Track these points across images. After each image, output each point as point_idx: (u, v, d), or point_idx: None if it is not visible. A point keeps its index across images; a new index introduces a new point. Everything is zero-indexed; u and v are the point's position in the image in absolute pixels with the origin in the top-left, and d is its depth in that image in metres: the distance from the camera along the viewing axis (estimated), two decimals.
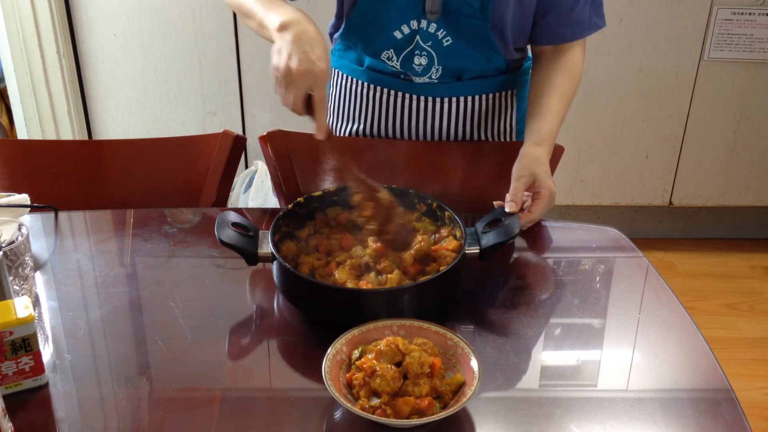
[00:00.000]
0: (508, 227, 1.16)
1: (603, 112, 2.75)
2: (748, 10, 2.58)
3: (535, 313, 1.13)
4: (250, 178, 2.58)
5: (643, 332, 1.11)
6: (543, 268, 1.28)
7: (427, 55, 1.39)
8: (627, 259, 1.30)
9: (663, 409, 0.95)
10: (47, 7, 2.54)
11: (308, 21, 1.12)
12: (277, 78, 1.09)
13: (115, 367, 1.02)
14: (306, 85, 1.07)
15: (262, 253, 1.11)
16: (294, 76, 1.06)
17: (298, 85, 1.07)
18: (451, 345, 0.98)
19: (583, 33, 1.41)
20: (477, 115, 1.48)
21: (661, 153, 2.82)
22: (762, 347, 2.44)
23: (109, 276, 1.20)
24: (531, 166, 1.27)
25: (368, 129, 1.52)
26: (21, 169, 1.57)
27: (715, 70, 2.68)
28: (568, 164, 2.81)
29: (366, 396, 0.92)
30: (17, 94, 2.68)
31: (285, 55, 1.07)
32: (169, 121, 2.80)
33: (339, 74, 1.54)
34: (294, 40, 1.08)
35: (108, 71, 2.72)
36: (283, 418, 0.94)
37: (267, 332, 1.11)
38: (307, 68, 1.06)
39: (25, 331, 0.91)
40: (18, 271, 1.08)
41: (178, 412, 0.94)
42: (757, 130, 2.78)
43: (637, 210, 2.99)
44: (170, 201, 1.55)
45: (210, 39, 2.65)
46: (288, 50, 1.07)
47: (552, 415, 0.93)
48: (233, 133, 1.54)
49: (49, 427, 0.92)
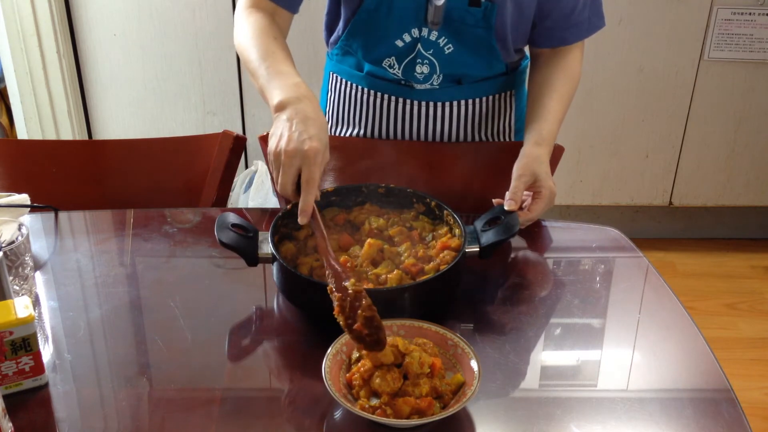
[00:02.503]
0: (507, 225, 1.15)
1: (603, 112, 2.75)
2: (748, 10, 2.58)
3: (535, 313, 1.13)
4: (250, 178, 2.58)
5: (643, 332, 1.11)
6: (543, 268, 1.28)
7: (428, 63, 1.39)
8: (627, 259, 1.30)
9: (663, 409, 0.95)
10: (47, 7, 2.54)
11: (307, 98, 1.11)
12: (271, 162, 1.09)
13: (115, 367, 1.02)
14: (296, 165, 1.05)
15: (262, 254, 1.11)
16: (283, 157, 1.05)
17: (287, 167, 1.06)
18: (451, 345, 0.98)
19: (583, 35, 1.41)
20: (476, 117, 1.48)
21: (661, 153, 2.82)
22: (762, 347, 2.44)
23: (109, 276, 1.20)
24: (532, 166, 1.27)
25: (368, 133, 1.52)
26: (21, 169, 1.57)
27: (715, 70, 2.68)
28: (568, 164, 2.81)
29: (366, 396, 0.92)
30: (17, 94, 2.68)
31: (278, 137, 1.07)
32: (169, 121, 2.80)
33: (337, 79, 1.53)
34: (289, 119, 1.08)
35: (108, 71, 2.72)
36: (283, 418, 0.94)
37: (267, 332, 1.11)
38: (296, 148, 1.05)
39: (25, 331, 0.91)
40: (18, 271, 1.08)
41: (178, 412, 0.94)
42: (757, 130, 2.78)
43: (637, 210, 2.99)
44: (170, 201, 1.55)
45: (210, 39, 2.65)
46: (280, 132, 1.07)
47: (552, 415, 0.93)
48: (233, 133, 1.54)
49: (49, 427, 0.92)
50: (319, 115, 1.10)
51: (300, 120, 1.07)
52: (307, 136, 1.05)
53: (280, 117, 1.10)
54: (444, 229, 1.20)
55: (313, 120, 1.08)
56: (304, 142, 1.05)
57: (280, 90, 1.12)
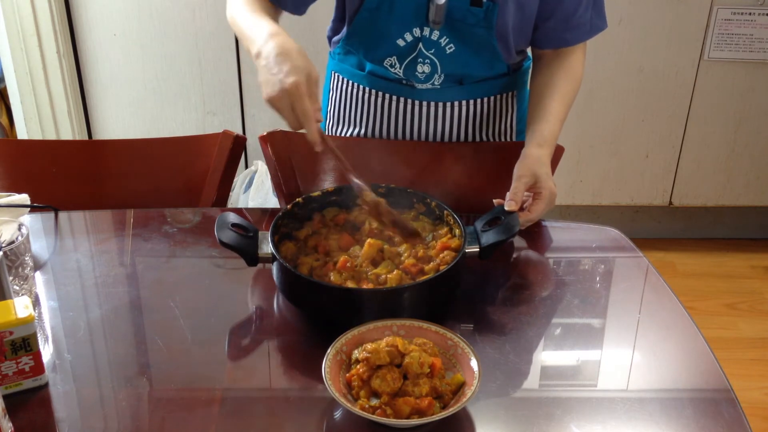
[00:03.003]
0: (507, 225, 1.15)
1: (603, 112, 2.74)
2: (748, 10, 2.58)
3: (535, 312, 1.13)
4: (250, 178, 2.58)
5: (643, 332, 1.11)
6: (543, 268, 1.28)
7: (430, 62, 1.39)
8: (627, 259, 1.30)
9: (663, 409, 0.95)
10: (47, 7, 2.54)
11: (275, 33, 1.11)
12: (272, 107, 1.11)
13: (115, 367, 1.02)
14: (287, 104, 1.07)
15: (262, 254, 1.11)
16: (275, 103, 1.08)
17: (282, 110, 1.08)
18: (451, 345, 0.98)
19: (585, 36, 1.41)
20: (478, 117, 1.48)
21: (661, 153, 2.82)
22: (762, 347, 2.44)
23: (109, 276, 1.20)
24: (533, 167, 1.27)
25: (369, 133, 1.52)
26: (21, 169, 1.57)
27: (715, 70, 2.68)
28: (568, 164, 2.81)
29: (366, 396, 0.92)
30: (17, 94, 2.68)
31: (264, 85, 1.09)
32: (169, 121, 2.80)
33: (339, 78, 1.53)
34: (266, 64, 1.09)
35: (108, 71, 2.72)
36: (283, 418, 0.94)
37: (267, 332, 1.11)
38: (280, 89, 1.07)
39: (25, 331, 0.91)
40: (18, 271, 1.08)
41: (178, 412, 0.94)
42: (757, 130, 2.78)
43: (637, 210, 2.99)
44: (170, 201, 1.55)
45: (210, 39, 2.65)
46: (264, 78, 1.09)
47: (552, 415, 0.93)
48: (233, 133, 1.54)
49: (49, 427, 0.92)
50: (290, 44, 1.10)
51: (273, 59, 1.08)
52: (283, 74, 1.06)
53: (259, 64, 1.11)
54: (444, 230, 1.20)
55: (286, 52, 1.08)
56: (283, 81, 1.06)
57: (255, 40, 1.13)
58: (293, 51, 1.09)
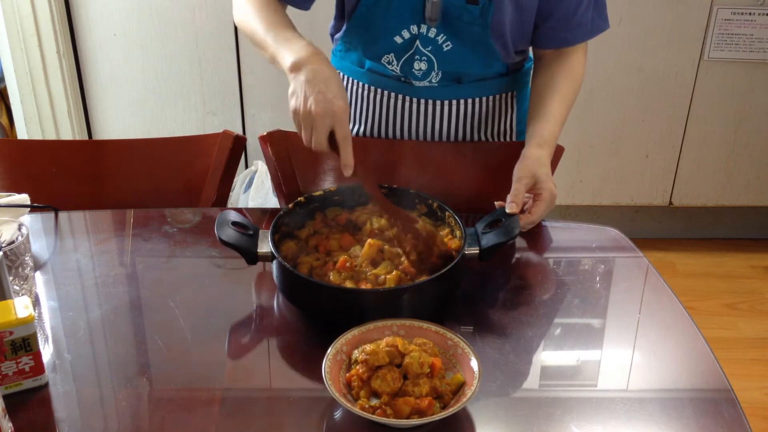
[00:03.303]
0: (508, 228, 1.16)
1: (603, 112, 2.74)
2: (748, 10, 2.58)
3: (535, 313, 1.13)
4: (250, 178, 2.58)
5: (643, 332, 1.11)
6: (543, 268, 1.28)
7: (427, 60, 1.39)
8: (627, 259, 1.30)
9: (663, 409, 0.95)
10: (47, 7, 2.54)
11: (320, 58, 1.14)
12: (298, 121, 1.12)
13: (115, 367, 1.02)
14: (327, 124, 1.10)
15: (261, 253, 1.11)
16: (314, 117, 1.09)
17: (319, 126, 1.10)
18: (451, 345, 0.98)
19: (586, 36, 1.41)
20: (477, 117, 1.48)
21: (661, 153, 2.82)
22: (762, 347, 2.44)
23: (109, 276, 1.20)
24: (533, 168, 1.27)
25: (368, 131, 1.52)
26: (21, 169, 1.57)
27: (715, 70, 2.68)
28: (568, 164, 2.81)
29: (366, 396, 0.92)
30: (17, 94, 2.68)
31: (302, 97, 1.10)
32: (169, 121, 2.80)
33: (340, 76, 1.54)
34: (308, 80, 1.10)
35: (108, 71, 2.72)
36: (283, 418, 0.94)
37: (267, 332, 1.11)
38: (326, 108, 1.09)
39: (25, 331, 0.91)
40: (18, 271, 1.08)
41: (178, 412, 0.94)
42: (757, 130, 2.78)
43: (637, 210, 2.99)
44: (170, 201, 1.55)
45: (210, 39, 2.65)
46: (304, 92, 1.10)
47: (552, 415, 0.93)
48: (233, 133, 1.54)
49: (49, 427, 0.92)
50: (335, 72, 1.13)
51: (320, 80, 1.10)
52: (332, 96, 1.09)
53: (298, 78, 1.12)
54: (445, 231, 1.20)
55: (332, 78, 1.11)
56: (332, 101, 1.09)
57: (291, 52, 1.15)
58: (339, 78, 1.13)
